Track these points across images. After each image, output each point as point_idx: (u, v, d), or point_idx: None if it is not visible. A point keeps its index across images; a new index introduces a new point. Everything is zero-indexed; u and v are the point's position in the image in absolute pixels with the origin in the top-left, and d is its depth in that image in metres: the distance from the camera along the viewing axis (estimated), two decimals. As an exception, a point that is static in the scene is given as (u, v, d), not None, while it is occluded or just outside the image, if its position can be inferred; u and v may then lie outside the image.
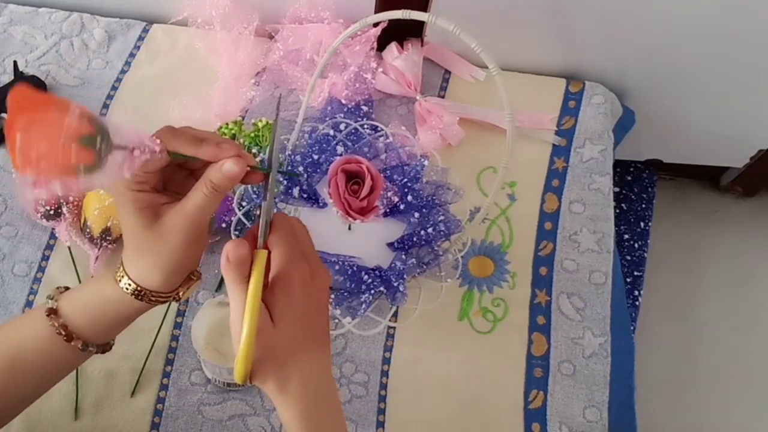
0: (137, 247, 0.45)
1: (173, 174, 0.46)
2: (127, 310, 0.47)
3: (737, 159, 1.06)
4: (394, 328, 0.71)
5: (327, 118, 0.79)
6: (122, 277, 0.46)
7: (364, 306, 0.65)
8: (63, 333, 0.46)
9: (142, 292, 0.46)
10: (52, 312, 0.47)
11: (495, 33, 0.77)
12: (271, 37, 0.87)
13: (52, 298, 0.48)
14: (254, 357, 0.41)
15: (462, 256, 0.72)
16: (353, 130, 0.77)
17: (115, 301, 0.47)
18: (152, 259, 0.45)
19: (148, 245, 0.45)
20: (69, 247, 0.73)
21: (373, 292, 0.65)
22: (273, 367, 0.43)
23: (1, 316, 0.70)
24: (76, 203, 0.73)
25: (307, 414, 0.43)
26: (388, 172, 0.72)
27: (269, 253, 0.44)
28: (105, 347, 0.50)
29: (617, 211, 1.10)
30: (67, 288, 0.49)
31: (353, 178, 0.64)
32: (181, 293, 0.48)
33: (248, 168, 0.44)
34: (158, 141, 0.41)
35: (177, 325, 0.71)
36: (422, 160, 0.71)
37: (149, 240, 0.44)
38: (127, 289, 0.46)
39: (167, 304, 0.50)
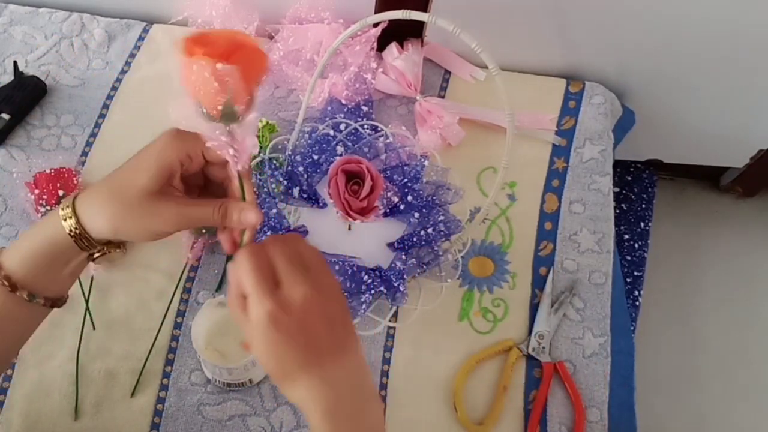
0: (118, 198, 0.45)
1: (197, 172, 0.48)
2: (65, 252, 0.47)
3: (737, 159, 1.06)
4: (394, 328, 0.71)
5: (327, 118, 0.79)
6: (69, 216, 0.46)
7: (364, 306, 0.65)
8: (6, 284, 0.46)
9: (81, 234, 0.46)
10: None
11: (495, 33, 0.77)
12: (271, 37, 0.87)
13: None
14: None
15: (462, 257, 0.72)
16: (353, 131, 0.77)
17: (53, 241, 0.46)
18: (120, 219, 0.45)
19: (131, 207, 0.45)
20: (69, 247, 0.73)
21: (373, 292, 0.65)
22: (281, 384, 0.44)
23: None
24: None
25: (321, 427, 0.43)
26: (388, 172, 0.72)
27: None
28: (56, 301, 0.50)
29: (617, 211, 1.10)
30: None
31: (353, 178, 0.64)
32: (103, 252, 0.49)
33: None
34: (249, 162, 0.45)
35: (177, 325, 0.71)
36: (422, 160, 0.71)
37: (135, 204, 0.45)
38: (68, 226, 0.46)
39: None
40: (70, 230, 0.46)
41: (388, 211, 0.71)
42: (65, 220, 0.46)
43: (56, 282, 0.49)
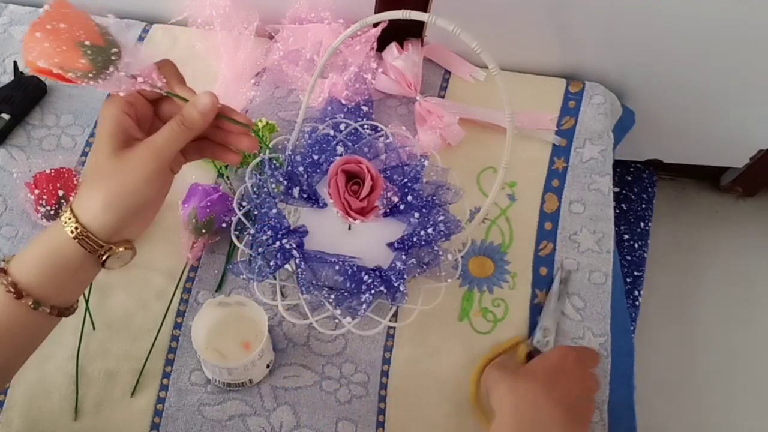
0: (96, 175, 0.47)
1: (147, 115, 0.51)
2: (71, 259, 0.47)
3: (737, 159, 1.06)
4: (394, 328, 0.71)
5: (327, 118, 0.79)
6: (69, 219, 0.47)
7: (364, 306, 0.65)
8: (12, 290, 0.46)
9: (83, 234, 0.46)
10: (2, 271, 0.47)
11: (495, 33, 0.77)
12: (271, 37, 0.87)
13: (4, 260, 0.48)
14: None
15: (462, 257, 0.72)
16: (353, 131, 0.77)
17: (58, 248, 0.47)
18: (107, 191, 0.46)
19: (109, 173, 0.46)
20: (69, 247, 0.73)
21: (373, 292, 0.65)
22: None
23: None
24: (76, 203, 0.73)
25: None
26: (388, 172, 0.72)
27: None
28: (63, 310, 0.50)
29: (617, 211, 1.10)
30: None
31: (353, 178, 0.64)
32: (111, 252, 0.49)
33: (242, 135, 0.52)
34: (163, 79, 0.47)
35: (177, 325, 0.71)
36: (422, 160, 0.71)
37: (111, 167, 0.46)
38: (70, 229, 0.46)
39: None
40: (72, 231, 0.46)
41: (388, 211, 0.71)
42: (66, 223, 0.47)
43: (63, 291, 0.49)
